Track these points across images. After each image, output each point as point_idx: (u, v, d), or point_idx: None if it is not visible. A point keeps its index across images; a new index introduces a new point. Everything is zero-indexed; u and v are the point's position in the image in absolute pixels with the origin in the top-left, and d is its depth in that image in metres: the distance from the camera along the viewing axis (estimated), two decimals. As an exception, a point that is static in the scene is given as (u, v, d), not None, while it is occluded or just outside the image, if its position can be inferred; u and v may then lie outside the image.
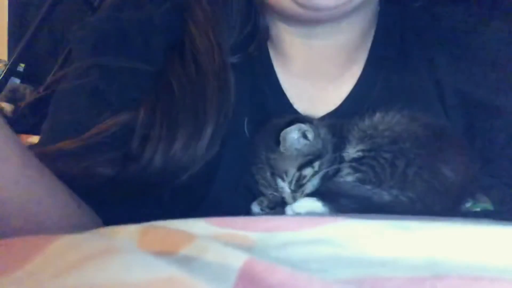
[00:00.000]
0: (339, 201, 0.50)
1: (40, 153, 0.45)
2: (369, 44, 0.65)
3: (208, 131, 0.55)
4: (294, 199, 0.55)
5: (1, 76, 0.93)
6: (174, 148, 0.53)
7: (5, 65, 0.95)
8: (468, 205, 0.55)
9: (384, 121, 0.56)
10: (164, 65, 0.58)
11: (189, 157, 0.54)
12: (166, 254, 0.28)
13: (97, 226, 0.46)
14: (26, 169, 0.41)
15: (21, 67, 0.96)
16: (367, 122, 0.57)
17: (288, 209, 0.52)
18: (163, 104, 0.55)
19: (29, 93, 0.94)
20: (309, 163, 0.56)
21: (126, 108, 0.55)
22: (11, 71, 0.93)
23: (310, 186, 0.56)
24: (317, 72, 0.65)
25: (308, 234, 0.32)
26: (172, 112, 0.55)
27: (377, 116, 0.57)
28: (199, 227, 0.34)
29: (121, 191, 0.53)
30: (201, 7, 0.60)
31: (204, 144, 0.55)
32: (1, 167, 0.38)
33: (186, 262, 0.27)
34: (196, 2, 0.60)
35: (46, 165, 0.44)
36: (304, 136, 0.57)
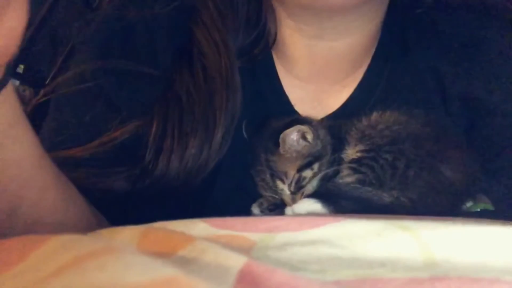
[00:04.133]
0: (339, 203, 0.50)
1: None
2: (373, 50, 0.65)
3: (219, 135, 0.55)
4: (294, 201, 0.55)
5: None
6: (187, 157, 0.54)
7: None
8: (468, 205, 0.55)
9: (382, 120, 0.56)
10: (172, 73, 0.58)
11: (201, 163, 0.54)
12: (165, 255, 0.28)
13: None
14: (41, 168, 0.40)
15: (20, 68, 0.95)
16: (364, 122, 0.57)
17: (288, 211, 0.52)
18: (173, 115, 0.55)
19: (29, 95, 0.94)
20: (308, 165, 0.56)
21: (135, 115, 0.55)
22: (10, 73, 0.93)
23: (309, 188, 0.56)
24: (320, 75, 0.65)
25: (308, 234, 0.32)
26: (183, 122, 0.55)
27: (374, 115, 0.57)
28: (199, 228, 0.34)
29: (134, 201, 0.53)
30: (207, 9, 0.59)
31: (216, 148, 0.55)
32: (15, 168, 0.37)
33: (185, 263, 0.27)
34: (202, 4, 0.60)
35: None
36: (304, 137, 0.57)
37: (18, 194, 0.38)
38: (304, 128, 0.56)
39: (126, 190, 0.53)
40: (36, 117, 0.60)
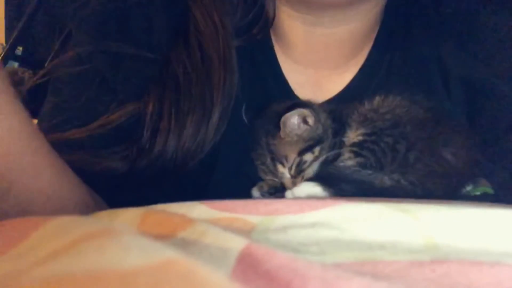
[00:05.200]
0: (340, 186, 0.50)
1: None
2: (375, 34, 0.64)
3: (216, 115, 0.55)
4: (294, 184, 0.55)
5: (-1, 59, 0.93)
6: (184, 137, 0.53)
7: (3, 48, 0.95)
8: (468, 188, 0.55)
9: (384, 104, 0.56)
10: (168, 52, 0.57)
11: (199, 143, 0.54)
12: (165, 237, 0.28)
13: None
14: (32, 148, 0.39)
15: (19, 50, 0.94)
16: (367, 106, 0.56)
17: (288, 194, 0.52)
18: (170, 94, 0.55)
19: (28, 77, 0.93)
20: (309, 148, 0.56)
21: (132, 97, 0.55)
22: (9, 55, 0.93)
23: (310, 171, 0.56)
24: (320, 60, 0.64)
25: (308, 217, 0.32)
26: (180, 102, 0.54)
27: (377, 99, 0.56)
28: (199, 210, 0.34)
29: (132, 183, 0.53)
30: None
31: (213, 129, 0.55)
32: (10, 147, 0.37)
33: (185, 245, 0.27)
34: None
35: None
36: (305, 121, 0.57)
37: (8, 175, 0.38)
38: (305, 111, 0.56)
39: (123, 171, 0.53)
40: (35, 99, 0.60)
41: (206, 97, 0.55)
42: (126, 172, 0.53)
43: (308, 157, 0.56)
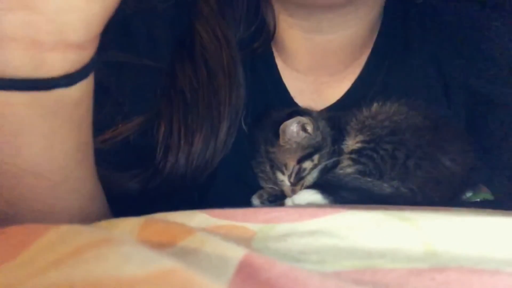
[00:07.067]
0: (339, 193, 0.50)
1: None
2: (373, 40, 0.64)
3: (224, 130, 0.55)
4: (294, 192, 0.56)
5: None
6: (193, 154, 0.53)
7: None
8: (468, 195, 0.55)
9: (382, 111, 0.56)
10: (173, 67, 0.57)
11: (208, 159, 0.54)
12: (165, 246, 0.28)
13: None
14: (79, 154, 0.39)
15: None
16: (365, 112, 0.57)
17: (288, 202, 0.52)
18: (178, 112, 0.55)
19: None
20: (308, 156, 0.56)
21: (138, 110, 0.54)
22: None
23: (309, 179, 0.56)
24: (319, 67, 0.64)
25: (308, 225, 0.32)
26: (188, 119, 0.54)
27: (375, 106, 0.57)
28: (199, 218, 0.34)
29: (139, 199, 0.53)
30: (207, 4, 0.59)
31: (221, 143, 0.55)
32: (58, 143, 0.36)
33: (185, 254, 0.27)
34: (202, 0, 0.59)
35: None
36: (304, 129, 0.57)
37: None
38: (304, 119, 0.56)
39: (135, 190, 0.53)
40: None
41: (213, 114, 0.55)
42: (137, 190, 0.53)
43: (308, 164, 0.56)
